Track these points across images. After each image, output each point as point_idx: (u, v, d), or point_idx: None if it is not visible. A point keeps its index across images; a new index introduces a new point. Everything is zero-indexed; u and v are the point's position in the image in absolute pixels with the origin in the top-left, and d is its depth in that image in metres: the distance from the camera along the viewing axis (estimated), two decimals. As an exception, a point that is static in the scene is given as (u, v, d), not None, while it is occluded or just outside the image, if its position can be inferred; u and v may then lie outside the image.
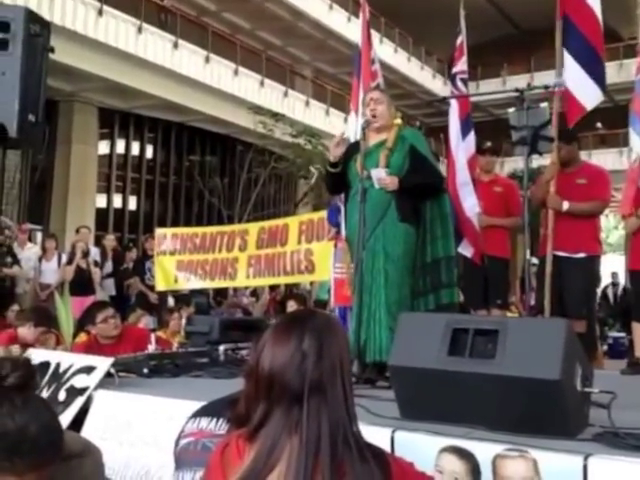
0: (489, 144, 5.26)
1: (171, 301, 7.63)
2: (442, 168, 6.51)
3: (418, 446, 2.01)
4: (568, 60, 3.98)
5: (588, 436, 2.03)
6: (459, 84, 4.92)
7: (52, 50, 3.60)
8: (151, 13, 14.99)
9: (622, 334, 10.03)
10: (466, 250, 4.63)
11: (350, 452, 1.18)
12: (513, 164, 17.72)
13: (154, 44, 14.54)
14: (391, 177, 3.31)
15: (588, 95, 3.98)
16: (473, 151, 4.79)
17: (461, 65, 4.92)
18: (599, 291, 10.75)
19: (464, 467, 1.91)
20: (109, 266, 8.37)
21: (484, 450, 1.90)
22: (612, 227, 27.40)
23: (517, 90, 3.29)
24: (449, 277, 3.45)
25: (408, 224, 3.32)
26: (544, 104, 3.36)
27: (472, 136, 4.78)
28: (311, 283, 10.38)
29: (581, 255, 4.36)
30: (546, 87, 3.59)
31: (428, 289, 3.42)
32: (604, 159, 18.35)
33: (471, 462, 1.91)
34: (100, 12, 13.33)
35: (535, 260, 4.82)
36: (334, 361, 1.24)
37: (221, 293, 11.36)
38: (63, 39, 12.41)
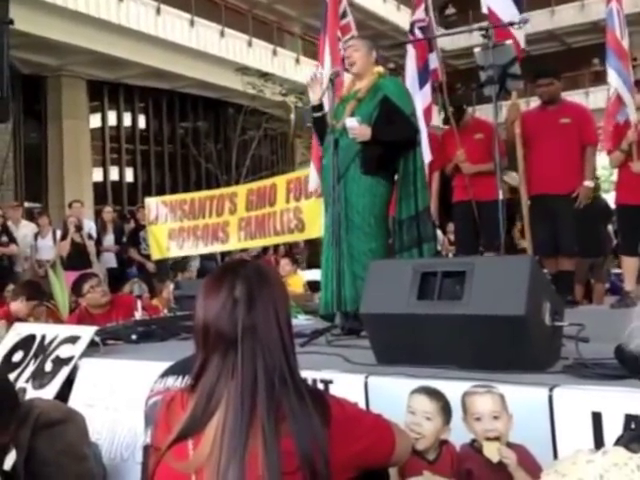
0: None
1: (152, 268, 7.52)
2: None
3: (390, 389, 2.04)
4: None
5: (558, 368, 2.06)
6: (417, 32, 4.76)
7: (11, 22, 3.52)
8: (131, -20, 14.67)
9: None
10: None
11: (288, 395, 1.21)
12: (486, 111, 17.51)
13: (136, 11, 14.29)
14: (361, 127, 3.23)
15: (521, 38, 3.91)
16: (430, 101, 4.72)
17: (419, 13, 4.77)
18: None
19: (435, 406, 1.95)
20: (110, 239, 8.35)
21: (454, 389, 1.93)
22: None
23: (481, 29, 3.21)
24: (430, 229, 3.43)
25: (373, 176, 3.26)
26: (509, 41, 3.28)
27: (429, 86, 4.69)
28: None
29: (570, 193, 4.35)
30: (511, 24, 3.51)
31: (412, 243, 3.37)
32: (602, 96, 18.00)
33: (441, 401, 1.94)
34: (78, -17, 13.07)
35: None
36: (267, 307, 1.26)
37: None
38: (43, 13, 12.19)
